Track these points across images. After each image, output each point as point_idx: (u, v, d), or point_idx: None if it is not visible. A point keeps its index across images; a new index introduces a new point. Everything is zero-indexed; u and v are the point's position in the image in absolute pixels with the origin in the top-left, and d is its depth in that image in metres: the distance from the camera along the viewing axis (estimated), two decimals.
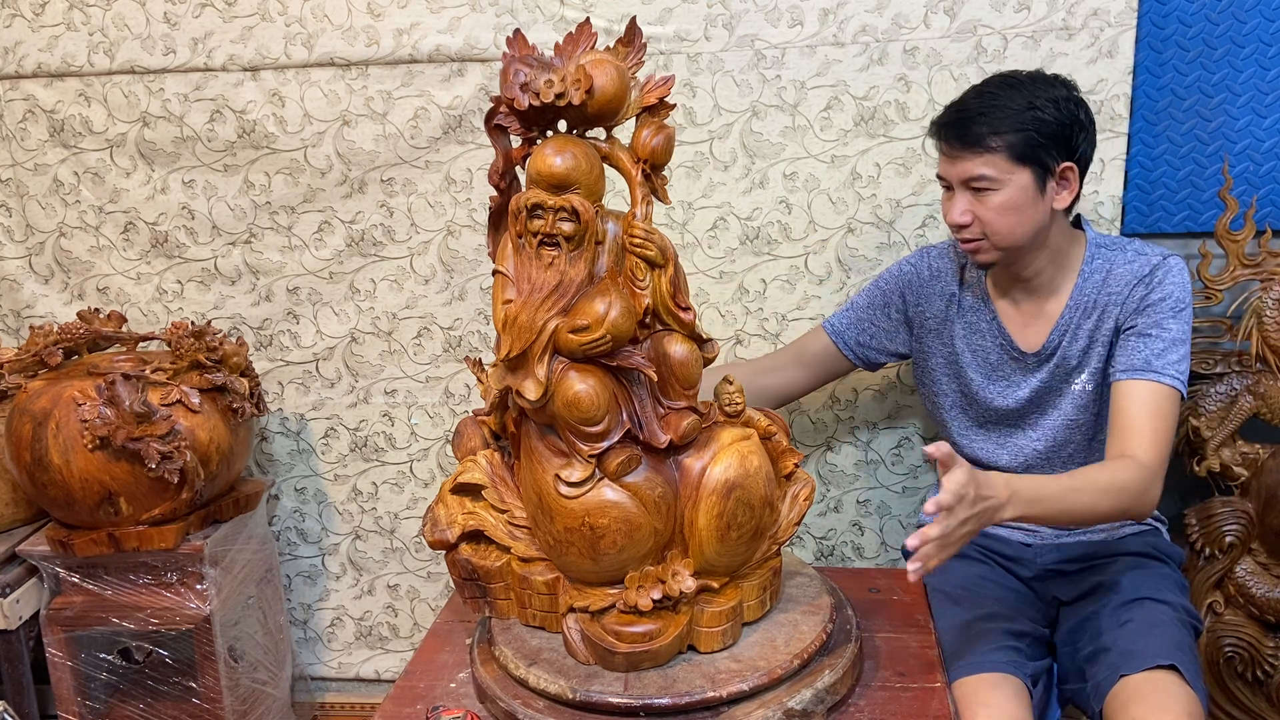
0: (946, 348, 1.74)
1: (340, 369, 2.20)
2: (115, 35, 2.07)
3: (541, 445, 1.34)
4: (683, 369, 1.31)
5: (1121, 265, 1.60)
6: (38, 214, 2.19)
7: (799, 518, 1.45)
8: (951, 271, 1.73)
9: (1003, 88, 1.53)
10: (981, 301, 1.70)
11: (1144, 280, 1.57)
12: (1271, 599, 1.83)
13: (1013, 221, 1.53)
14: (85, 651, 2.01)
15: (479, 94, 1.99)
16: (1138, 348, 1.55)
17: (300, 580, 2.34)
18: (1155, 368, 1.52)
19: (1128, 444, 1.49)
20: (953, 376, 1.74)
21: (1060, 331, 1.63)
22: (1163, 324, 1.54)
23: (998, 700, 1.43)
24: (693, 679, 1.33)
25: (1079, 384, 1.64)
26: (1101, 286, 1.60)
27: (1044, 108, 1.49)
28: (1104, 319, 1.60)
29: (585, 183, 1.26)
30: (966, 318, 1.71)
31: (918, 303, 1.75)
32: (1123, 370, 1.55)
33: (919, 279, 1.76)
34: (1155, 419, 1.50)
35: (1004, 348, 1.68)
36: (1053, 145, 1.50)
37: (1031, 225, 1.54)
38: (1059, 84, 1.53)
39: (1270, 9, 1.81)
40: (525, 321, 1.26)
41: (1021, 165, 1.50)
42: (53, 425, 1.82)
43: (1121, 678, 1.42)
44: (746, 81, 1.93)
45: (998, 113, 1.50)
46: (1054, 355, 1.64)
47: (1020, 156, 1.50)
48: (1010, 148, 1.49)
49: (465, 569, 1.46)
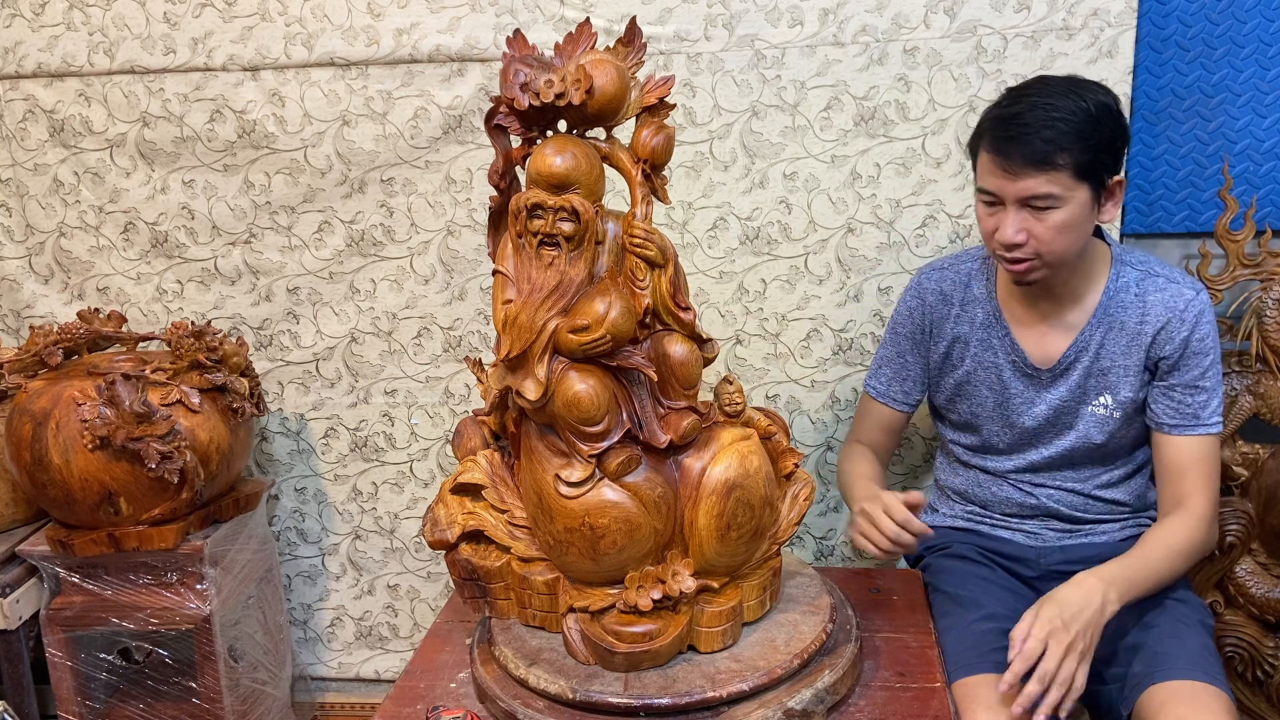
0: (959, 370, 1.70)
1: (340, 369, 2.20)
2: (115, 35, 2.07)
3: (541, 445, 1.34)
4: (683, 369, 1.31)
5: (1155, 292, 1.57)
6: (38, 214, 2.19)
7: (799, 518, 1.45)
8: (955, 290, 1.70)
9: (1055, 97, 1.44)
10: (993, 318, 1.66)
11: (1182, 317, 1.55)
12: (1271, 599, 1.83)
13: (1070, 239, 1.48)
14: (85, 651, 2.01)
15: (479, 94, 2.00)
16: (1186, 401, 1.56)
17: (300, 580, 2.34)
18: (1204, 420, 1.56)
19: (1183, 496, 1.55)
20: (965, 398, 1.71)
21: (1080, 346, 1.60)
22: (1207, 373, 1.56)
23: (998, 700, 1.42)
24: (693, 679, 1.33)
25: (1102, 407, 1.62)
26: (1131, 308, 1.58)
27: (1102, 119, 1.43)
28: (1134, 347, 1.58)
29: (585, 183, 1.26)
30: (979, 335, 1.67)
31: (932, 329, 1.72)
32: (1174, 425, 1.57)
33: (926, 307, 1.71)
34: (1208, 468, 1.57)
35: (1016, 365, 1.65)
36: (1108, 159, 1.45)
37: (1083, 242, 1.51)
38: (1102, 90, 1.47)
39: (1270, 9, 1.81)
40: (525, 321, 1.26)
41: (1082, 182, 1.44)
42: (53, 425, 1.82)
43: (1157, 682, 1.42)
44: (746, 81, 1.93)
45: (1062, 126, 1.41)
46: (1071, 370, 1.62)
47: (1082, 173, 1.43)
48: (1075, 165, 1.42)
49: (465, 569, 1.46)
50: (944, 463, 1.84)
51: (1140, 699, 1.43)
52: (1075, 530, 1.71)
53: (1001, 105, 1.49)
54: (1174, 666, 1.44)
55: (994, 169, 1.47)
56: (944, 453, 1.84)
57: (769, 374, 2.08)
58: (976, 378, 1.69)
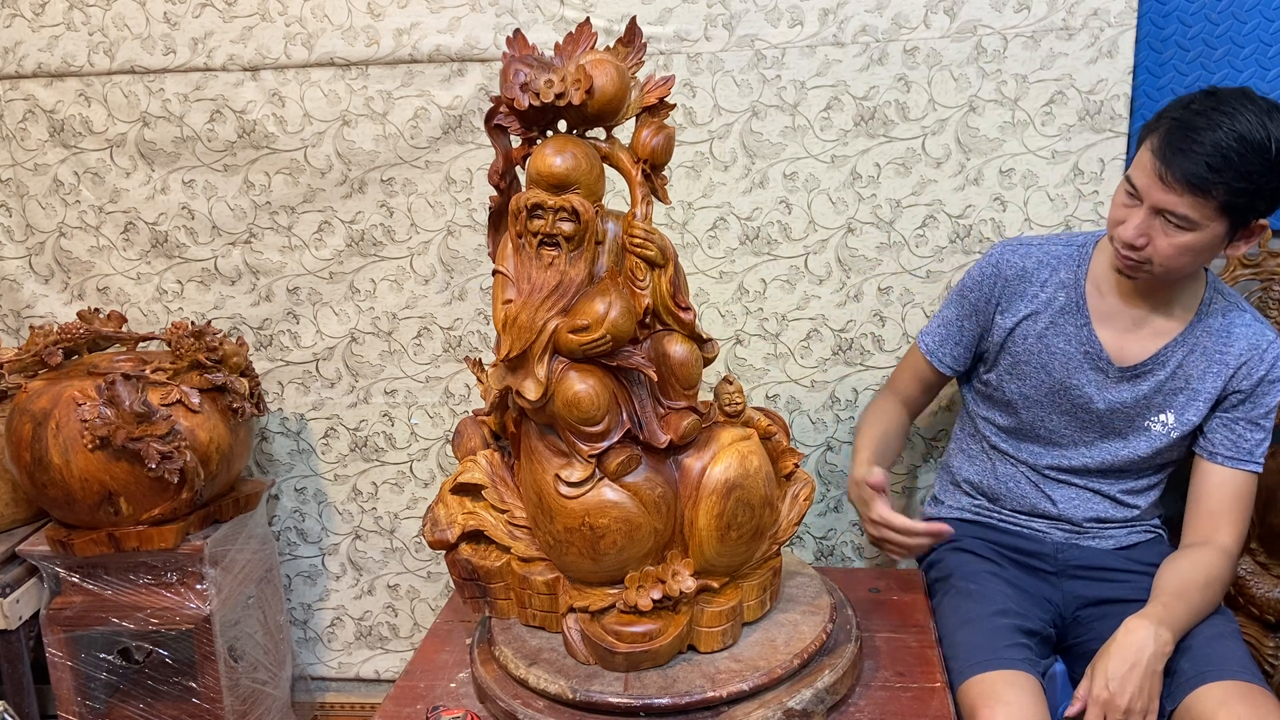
0: (1019, 346, 1.67)
1: (340, 369, 2.20)
2: (115, 35, 2.07)
3: (541, 445, 1.35)
4: (683, 369, 1.32)
5: (1240, 326, 1.58)
6: (38, 214, 2.19)
7: (799, 518, 1.45)
8: (1039, 270, 1.67)
9: (1248, 126, 1.38)
10: (1079, 304, 1.64)
11: (1262, 357, 1.57)
12: (1271, 599, 1.82)
13: (1186, 261, 1.48)
14: (85, 651, 2.01)
15: (479, 94, 2.00)
16: (1245, 436, 1.58)
17: (300, 580, 2.34)
18: (1256, 458, 1.58)
19: (1215, 529, 1.57)
20: (1020, 377, 1.68)
21: (1162, 359, 1.60)
22: (1271, 414, 1.57)
23: (1016, 698, 1.42)
24: (693, 679, 1.33)
25: (1160, 425, 1.63)
26: (1217, 335, 1.59)
27: (1276, 174, 1.39)
28: (1211, 374, 1.58)
29: (585, 183, 1.26)
30: (1055, 318, 1.65)
31: (1001, 300, 1.69)
32: (1228, 456, 1.58)
33: (1002, 280, 1.68)
34: (1246, 504, 1.59)
35: (1090, 355, 1.63)
36: (1263, 204, 1.43)
37: (1201, 263, 1.51)
38: None
39: (1270, 9, 1.81)
40: (525, 321, 1.26)
41: (1223, 216, 1.43)
42: (53, 425, 1.82)
43: (1211, 681, 1.43)
44: (746, 81, 1.93)
45: (1234, 159, 1.38)
46: (1145, 378, 1.61)
47: (1230, 209, 1.42)
48: (1227, 200, 1.40)
49: (465, 569, 1.46)
50: (960, 449, 1.82)
51: (1189, 697, 1.43)
52: (1083, 532, 1.70)
53: (1190, 108, 1.44)
54: (1227, 667, 1.44)
55: (1148, 169, 1.45)
56: (963, 438, 1.83)
57: (769, 374, 2.08)
58: (1037, 360, 1.66)
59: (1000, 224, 1.92)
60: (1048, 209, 1.91)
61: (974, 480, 1.78)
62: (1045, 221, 1.91)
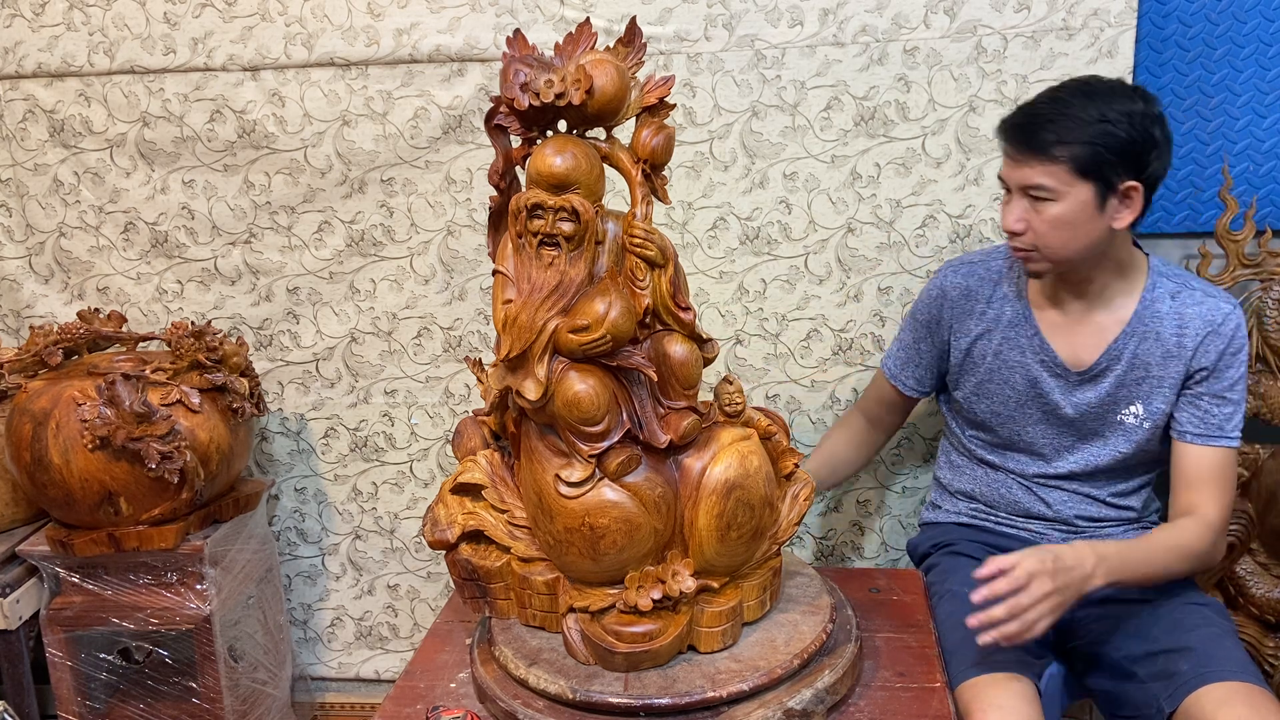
0: (981, 367, 1.69)
1: (340, 369, 2.20)
2: (115, 35, 2.07)
3: (541, 445, 1.34)
4: (683, 369, 1.31)
5: (1191, 305, 1.56)
6: (38, 214, 2.19)
7: (799, 518, 1.45)
8: (982, 286, 1.69)
9: (1077, 95, 1.46)
10: (1022, 316, 1.65)
11: (1218, 331, 1.55)
12: (1271, 599, 1.83)
13: (1066, 236, 1.49)
14: (85, 651, 2.01)
15: (479, 94, 2.00)
16: (1213, 411, 1.56)
17: (300, 580, 2.34)
18: (1227, 432, 1.56)
19: (1196, 503, 1.55)
20: (986, 396, 1.70)
21: (1114, 354, 1.59)
22: (1235, 386, 1.56)
23: (1009, 700, 1.42)
24: (693, 679, 1.33)
25: (1133, 417, 1.61)
26: (1166, 319, 1.57)
27: (1117, 121, 1.43)
28: (1171, 359, 1.57)
29: (585, 183, 1.26)
30: (1006, 333, 1.66)
31: (953, 322, 1.71)
32: (1197, 434, 1.57)
33: (948, 302, 1.71)
34: (1225, 480, 1.56)
35: (1047, 364, 1.63)
36: (1120, 162, 1.44)
37: (1086, 241, 1.50)
38: (1138, 97, 1.46)
39: (1270, 9, 1.81)
40: (525, 321, 1.26)
41: (1083, 179, 1.45)
42: (53, 425, 1.82)
43: (1212, 683, 1.42)
44: (746, 81, 1.93)
45: (1067, 121, 1.43)
46: (1104, 377, 1.61)
47: (1083, 170, 1.44)
48: (1074, 160, 1.44)
49: (465, 569, 1.46)
50: (948, 462, 1.83)
51: (1189, 698, 1.42)
52: (1079, 532, 1.70)
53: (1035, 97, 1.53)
54: (1227, 668, 1.43)
55: (1004, 156, 1.53)
56: (950, 451, 1.83)
57: (769, 374, 2.08)
58: (1000, 376, 1.67)
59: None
60: None
61: (966, 490, 1.79)
62: None
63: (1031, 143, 1.46)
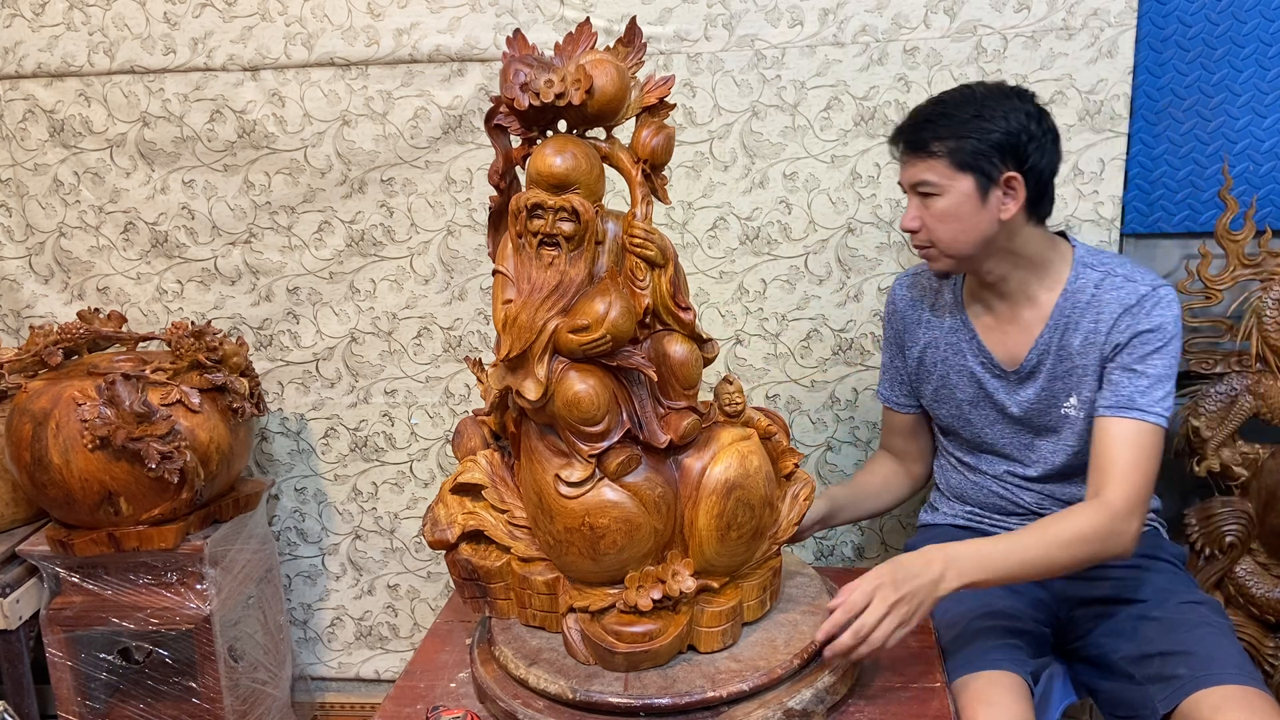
0: (934, 374, 1.72)
1: (340, 369, 2.20)
2: (115, 35, 2.07)
3: (541, 445, 1.34)
4: (683, 369, 1.31)
5: (1110, 290, 1.55)
6: (38, 214, 2.19)
7: (799, 518, 1.45)
8: (925, 296, 1.73)
9: (956, 96, 1.53)
10: (960, 321, 1.68)
11: (1132, 310, 1.53)
12: (1271, 599, 1.83)
13: (955, 229, 1.53)
14: (85, 651, 2.01)
15: (479, 94, 2.00)
16: (1123, 383, 1.52)
17: (300, 580, 2.34)
18: (1139, 405, 1.49)
19: (1101, 484, 1.47)
20: (943, 402, 1.73)
21: (1042, 348, 1.60)
22: (1149, 359, 1.51)
23: (1000, 698, 1.42)
24: (693, 679, 1.33)
25: (1070, 409, 1.61)
26: (1087, 309, 1.56)
27: (991, 117, 1.48)
28: (1090, 345, 1.56)
29: (585, 183, 1.26)
30: (948, 339, 1.70)
31: (904, 334, 1.76)
32: (1106, 406, 1.52)
33: (901, 312, 1.76)
34: (1134, 458, 1.48)
35: (986, 366, 1.66)
36: (997, 154, 1.49)
37: (976, 234, 1.53)
38: (1015, 95, 1.52)
39: (1270, 9, 1.81)
40: (525, 321, 1.26)
41: (963, 172, 1.50)
42: (53, 425, 1.82)
43: (1209, 686, 1.40)
44: (746, 81, 1.93)
45: (943, 119, 1.51)
46: (1037, 372, 1.61)
47: (961, 164, 1.49)
48: (952, 154, 1.49)
49: (465, 569, 1.46)
50: (939, 465, 1.84)
51: (1186, 702, 1.41)
52: None
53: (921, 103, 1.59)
54: (1226, 671, 1.42)
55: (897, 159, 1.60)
56: (939, 455, 1.84)
57: (769, 374, 2.08)
58: (951, 382, 1.70)
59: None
60: None
61: (958, 491, 1.79)
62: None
63: (913, 142, 1.54)
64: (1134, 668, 1.50)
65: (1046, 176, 1.53)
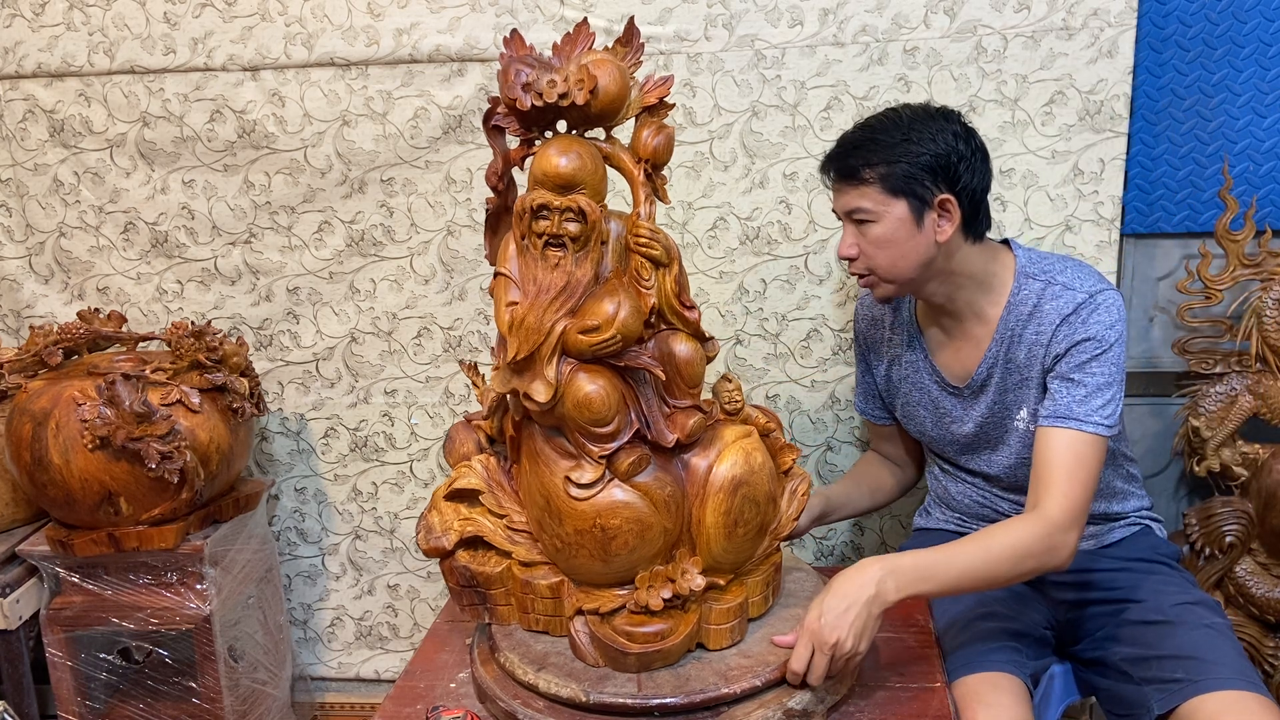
0: (899, 390, 1.73)
1: (340, 369, 2.20)
2: (115, 35, 2.07)
3: (548, 448, 1.34)
4: (688, 367, 1.31)
5: (1049, 301, 1.53)
6: (38, 214, 2.19)
7: (798, 513, 1.46)
8: (884, 315, 1.74)
9: (883, 121, 1.51)
10: (915, 339, 1.69)
11: (1069, 319, 1.51)
12: (1271, 599, 1.83)
13: (893, 254, 1.51)
14: (85, 651, 2.01)
15: (479, 94, 1.99)
16: (1061, 393, 1.49)
17: (300, 580, 2.34)
18: (1076, 415, 1.47)
19: (1039, 496, 1.45)
20: (910, 418, 1.74)
21: (990, 363, 1.59)
22: (1086, 367, 1.49)
23: (999, 700, 1.43)
24: (705, 676, 1.32)
25: (1021, 421, 1.60)
26: (1030, 320, 1.55)
27: (919, 140, 1.47)
28: (1033, 358, 1.55)
29: (590, 183, 1.26)
30: (905, 357, 1.71)
31: (868, 352, 1.78)
32: (1045, 416, 1.50)
33: (862, 331, 1.78)
34: (1072, 469, 1.45)
35: (939, 384, 1.67)
36: (928, 177, 1.47)
37: (915, 258, 1.51)
38: (941, 117, 1.51)
39: (1270, 9, 1.81)
40: (533, 323, 1.26)
41: (896, 197, 1.48)
42: (53, 425, 1.81)
43: (1208, 691, 1.40)
44: (746, 81, 1.93)
45: (872, 145, 1.49)
46: (987, 387, 1.61)
47: (894, 189, 1.48)
48: (883, 180, 1.48)
49: (463, 576, 1.45)
50: (930, 470, 1.85)
51: (1185, 706, 1.40)
52: None
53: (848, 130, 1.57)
54: (1224, 676, 1.41)
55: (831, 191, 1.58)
56: (928, 459, 1.85)
57: (769, 374, 2.08)
58: (913, 398, 1.71)
59: (1000, 224, 1.92)
60: (1047, 209, 1.91)
61: (943, 497, 1.79)
62: (1045, 221, 1.92)
63: (844, 170, 1.52)
64: (1134, 669, 1.50)
65: (979, 195, 1.52)
